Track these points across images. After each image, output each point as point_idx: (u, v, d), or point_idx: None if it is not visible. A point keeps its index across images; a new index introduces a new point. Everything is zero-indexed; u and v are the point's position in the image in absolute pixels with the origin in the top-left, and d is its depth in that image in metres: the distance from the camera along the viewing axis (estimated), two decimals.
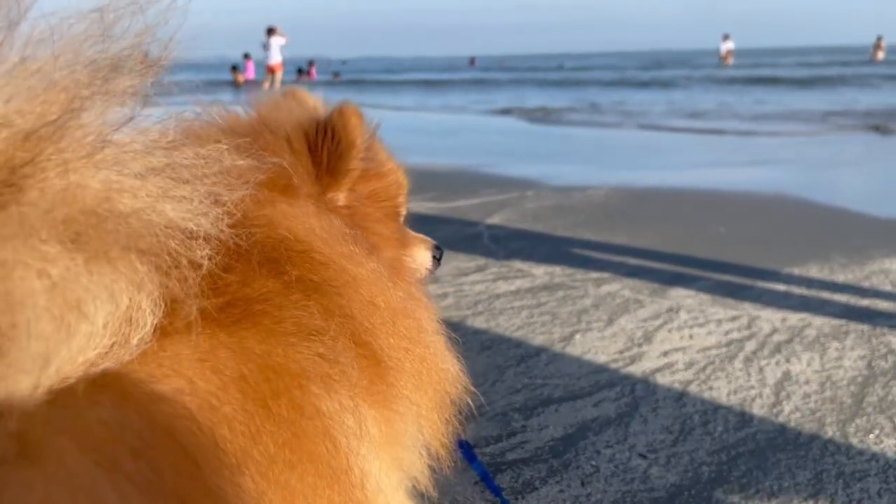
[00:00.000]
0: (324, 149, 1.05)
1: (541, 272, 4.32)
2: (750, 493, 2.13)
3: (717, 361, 3.06)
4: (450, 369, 1.12)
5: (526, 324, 3.49)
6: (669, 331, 3.40)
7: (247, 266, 0.84)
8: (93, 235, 0.61)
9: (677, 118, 14.57)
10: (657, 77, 29.68)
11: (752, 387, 2.82)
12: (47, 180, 0.59)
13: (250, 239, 0.83)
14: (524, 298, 3.85)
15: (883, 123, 12.12)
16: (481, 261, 4.55)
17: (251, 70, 28.82)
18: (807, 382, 2.84)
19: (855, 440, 2.41)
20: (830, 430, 2.48)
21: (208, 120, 1.11)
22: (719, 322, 3.50)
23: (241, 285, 0.82)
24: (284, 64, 26.30)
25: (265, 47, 24.26)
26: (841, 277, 4.18)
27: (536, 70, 43.27)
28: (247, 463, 0.71)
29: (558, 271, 4.34)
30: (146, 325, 0.68)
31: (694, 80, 26.33)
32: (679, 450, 2.36)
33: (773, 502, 2.09)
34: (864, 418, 2.55)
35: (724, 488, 2.16)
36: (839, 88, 20.91)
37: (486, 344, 3.24)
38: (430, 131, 13.77)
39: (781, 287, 4.02)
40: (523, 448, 2.38)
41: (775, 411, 2.62)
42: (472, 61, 73.87)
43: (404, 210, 1.32)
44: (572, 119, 15.04)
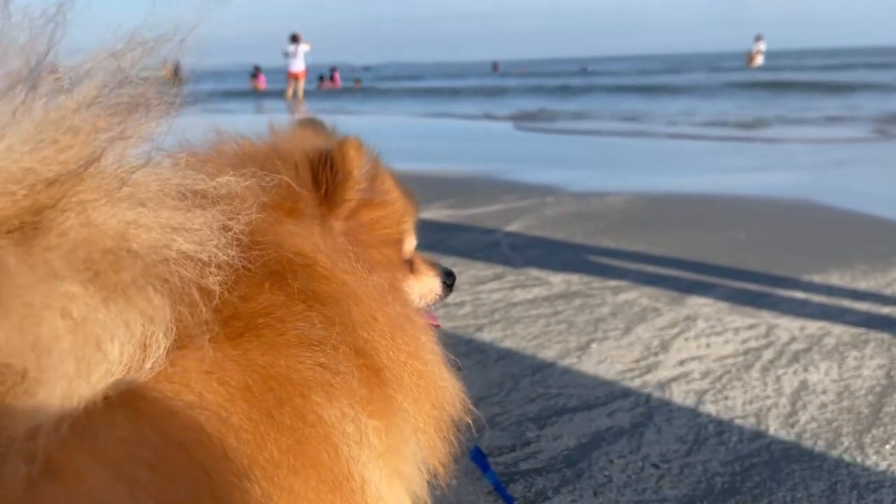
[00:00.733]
0: (324, 178, 1.11)
1: (558, 280, 4.34)
2: None
3: (734, 370, 3.06)
4: (448, 387, 1.15)
5: (542, 332, 3.51)
6: (686, 339, 3.40)
7: (250, 281, 0.89)
8: (110, 273, 0.66)
9: (699, 123, 14.47)
10: (679, 81, 29.45)
11: (769, 396, 2.81)
12: (68, 221, 0.64)
13: (256, 257, 0.88)
14: (541, 307, 3.87)
15: None
16: (499, 269, 4.58)
17: (262, 82, 29.29)
18: (824, 392, 2.83)
19: (871, 451, 2.40)
20: (846, 441, 2.47)
21: (225, 147, 1.17)
22: (737, 330, 3.49)
23: (244, 300, 0.86)
24: (307, 71, 26.60)
25: (287, 55, 24.51)
26: (863, 285, 4.13)
27: (559, 75, 43.15)
28: (253, 469, 0.75)
29: (576, 279, 4.35)
30: (159, 351, 0.73)
31: (718, 84, 26.09)
32: (692, 460, 2.37)
33: None
34: (881, 428, 2.54)
35: (737, 499, 2.16)
36: (866, 92, 20.57)
37: (502, 353, 3.27)
38: (449, 137, 13.84)
39: (801, 295, 4.00)
40: (536, 458, 2.40)
41: (791, 421, 2.61)
42: (494, 66, 73.92)
43: (410, 237, 1.37)
44: (593, 124, 15.00)
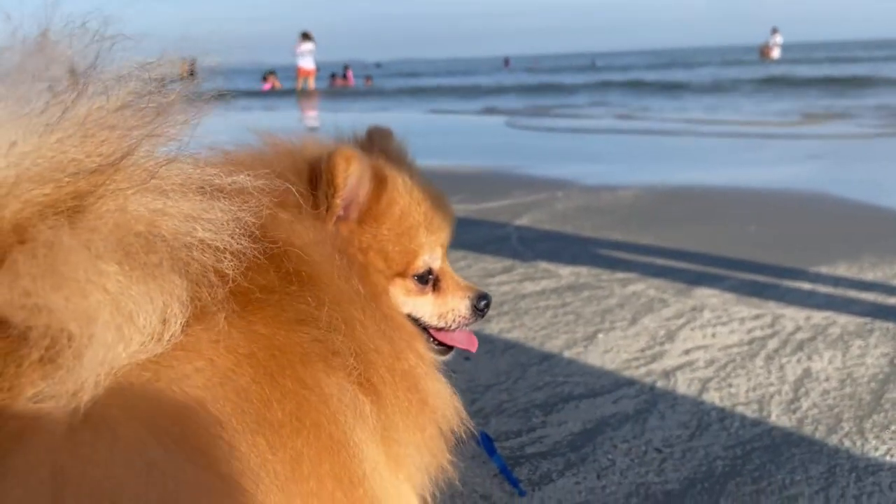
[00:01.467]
0: (318, 184, 1.22)
1: (567, 273, 4.40)
2: (762, 486, 2.19)
3: (739, 359, 3.11)
4: (439, 392, 1.24)
5: (550, 323, 3.57)
6: (692, 329, 3.45)
7: (252, 263, 0.97)
8: (140, 254, 0.75)
9: (710, 117, 14.44)
10: (688, 76, 29.33)
11: (772, 384, 2.86)
12: (104, 206, 0.74)
13: (259, 243, 0.97)
14: (549, 298, 3.93)
15: None
16: (508, 262, 4.64)
17: (270, 85, 29.59)
18: (827, 379, 2.88)
19: (871, 436, 2.45)
20: (847, 426, 2.51)
21: (243, 150, 1.29)
22: (742, 321, 3.54)
23: (247, 279, 0.95)
24: (318, 69, 26.81)
25: (296, 53, 24.75)
26: (870, 276, 4.16)
27: (569, 71, 43.02)
28: (261, 425, 0.84)
29: (584, 272, 4.41)
30: (177, 324, 0.82)
31: (730, 78, 25.95)
32: (695, 445, 2.43)
33: (785, 494, 2.15)
34: (882, 414, 2.58)
35: (737, 481, 2.22)
36: (883, 86, 20.40)
37: (510, 343, 3.34)
38: (460, 133, 13.91)
39: (808, 286, 4.03)
40: (542, 442, 2.47)
41: (793, 407, 2.66)
42: (506, 62, 73.85)
43: (430, 253, 1.42)
44: (604, 121, 15.01)
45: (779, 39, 41.62)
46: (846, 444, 2.41)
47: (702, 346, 3.27)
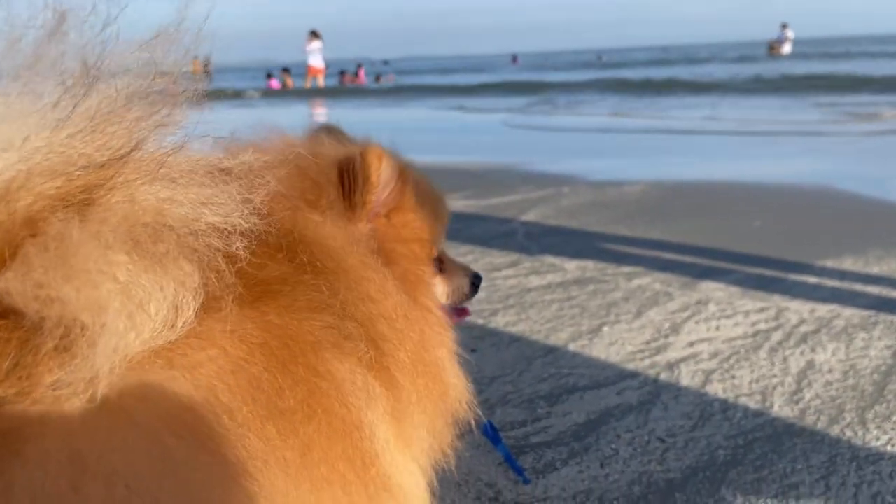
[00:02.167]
0: (347, 182, 1.23)
1: (573, 267, 4.42)
2: (763, 475, 2.22)
3: (742, 351, 3.13)
4: (456, 384, 1.26)
5: (555, 316, 3.60)
6: (697, 322, 3.48)
7: (267, 253, 1.00)
8: (149, 244, 0.78)
9: (719, 115, 14.40)
10: (694, 72, 29.20)
11: (775, 376, 2.88)
12: (114, 199, 0.77)
13: (275, 232, 1.00)
14: (555, 292, 3.96)
15: None
16: (514, 256, 4.67)
17: (274, 84, 29.70)
18: (830, 371, 2.90)
19: (872, 426, 2.47)
20: (849, 417, 2.54)
21: (262, 143, 1.30)
22: (747, 314, 3.56)
23: (261, 269, 0.97)
24: (327, 66, 26.88)
25: (306, 51, 24.84)
26: (875, 269, 4.17)
27: (576, 67, 42.90)
28: (272, 414, 0.86)
29: (590, 266, 4.44)
30: (189, 311, 0.85)
31: (738, 75, 25.83)
32: (697, 434, 2.46)
33: (785, 482, 2.18)
34: (885, 405, 2.60)
35: (738, 470, 2.25)
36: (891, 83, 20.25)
37: (515, 336, 3.37)
38: (468, 130, 13.92)
39: (813, 279, 4.05)
40: (546, 432, 2.51)
41: (796, 398, 2.68)
42: (514, 59, 73.70)
43: (438, 239, 1.48)
44: (610, 116, 14.99)
45: (790, 34, 41.34)
46: (848, 434, 2.43)
47: (706, 338, 3.29)
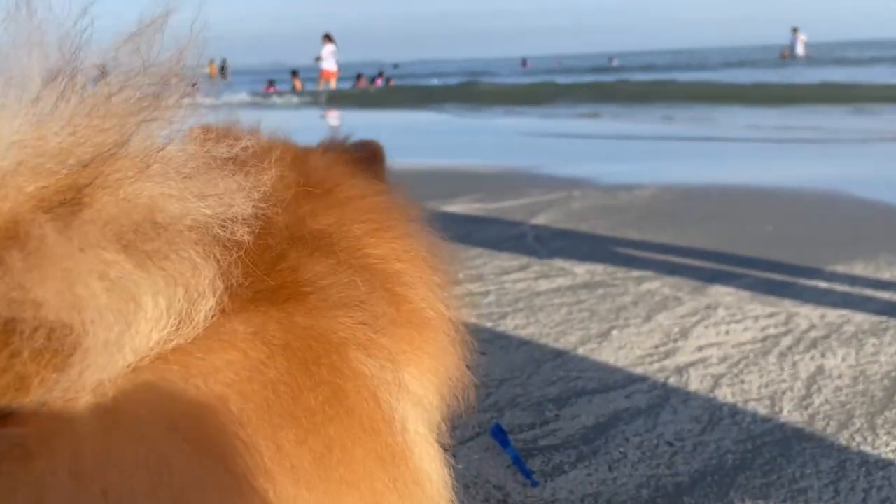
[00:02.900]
0: (363, 166, 1.25)
1: (582, 271, 4.43)
2: (772, 480, 2.22)
3: (752, 356, 3.13)
4: (465, 372, 1.27)
5: (565, 320, 3.61)
6: (706, 327, 3.48)
7: (299, 252, 0.99)
8: (139, 243, 0.75)
9: (733, 120, 14.36)
10: (705, 77, 29.10)
11: (784, 381, 2.88)
12: (103, 198, 0.74)
13: (300, 230, 1.00)
14: (564, 296, 3.97)
15: None
16: (524, 260, 4.68)
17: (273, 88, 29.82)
18: (839, 377, 2.89)
19: (882, 431, 2.47)
20: (858, 422, 2.53)
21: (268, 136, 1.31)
22: (756, 318, 3.56)
23: (293, 270, 0.95)
24: (339, 70, 27.00)
25: (319, 58, 24.98)
26: (887, 274, 4.16)
27: (587, 72, 42.82)
28: (289, 420, 0.84)
29: (600, 270, 4.44)
30: (207, 304, 0.82)
31: (748, 81, 25.73)
32: (706, 438, 2.46)
33: (794, 487, 2.18)
34: (895, 411, 2.60)
35: (747, 475, 2.25)
36: None
37: (524, 339, 3.38)
38: (477, 133, 13.94)
39: (824, 284, 4.04)
40: (555, 435, 2.52)
41: (805, 404, 2.68)
42: (524, 62, 73.69)
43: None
44: (621, 120, 14.97)
45: (804, 37, 41.12)
46: (857, 439, 2.43)
47: (715, 343, 3.29)
